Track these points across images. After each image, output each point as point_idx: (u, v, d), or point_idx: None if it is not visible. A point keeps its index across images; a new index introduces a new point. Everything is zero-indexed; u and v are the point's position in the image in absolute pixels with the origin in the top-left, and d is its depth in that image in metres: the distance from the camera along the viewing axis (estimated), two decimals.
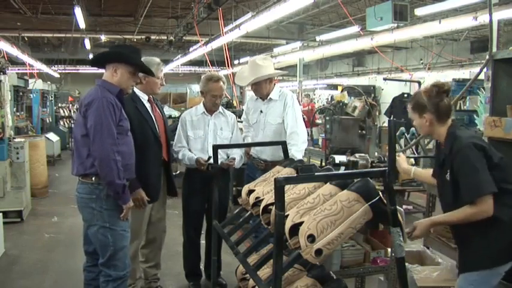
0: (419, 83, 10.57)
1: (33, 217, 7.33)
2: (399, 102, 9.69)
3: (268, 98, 4.54)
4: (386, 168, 2.16)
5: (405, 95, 9.80)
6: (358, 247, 3.47)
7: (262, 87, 4.50)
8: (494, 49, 3.91)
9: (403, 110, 9.32)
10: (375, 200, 2.15)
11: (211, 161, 3.82)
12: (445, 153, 2.74)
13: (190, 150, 4.40)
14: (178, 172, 4.75)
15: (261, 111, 4.59)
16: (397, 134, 6.46)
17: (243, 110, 5.92)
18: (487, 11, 4.17)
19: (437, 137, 2.87)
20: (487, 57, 3.76)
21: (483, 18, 7.82)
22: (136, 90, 4.07)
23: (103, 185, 3.26)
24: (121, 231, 3.37)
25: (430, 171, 3.16)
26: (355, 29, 11.99)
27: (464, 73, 14.65)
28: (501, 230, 2.55)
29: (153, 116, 4.09)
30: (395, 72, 18.59)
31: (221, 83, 4.38)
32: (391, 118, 8.36)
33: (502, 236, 2.55)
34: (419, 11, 9.63)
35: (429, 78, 14.78)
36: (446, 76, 13.19)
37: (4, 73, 6.97)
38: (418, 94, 2.85)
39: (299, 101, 13.82)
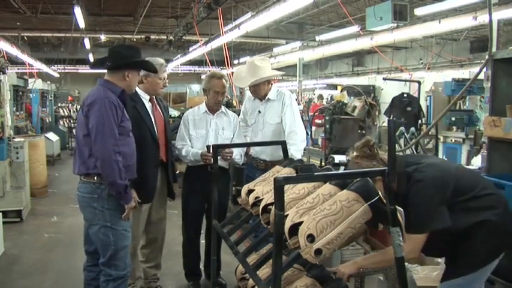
0: (419, 82, 10.57)
1: (32, 217, 7.33)
2: (399, 102, 9.69)
3: (266, 98, 4.54)
4: (386, 168, 2.16)
5: (405, 95, 9.80)
6: (357, 247, 3.48)
7: (260, 89, 4.51)
8: (494, 49, 3.92)
9: (403, 109, 9.35)
10: (374, 199, 2.15)
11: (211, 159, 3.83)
12: (401, 196, 2.57)
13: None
14: (178, 172, 4.75)
15: (259, 112, 4.59)
16: (397, 133, 6.47)
17: None
18: (487, 10, 4.17)
19: None
20: (487, 57, 3.76)
21: (483, 18, 7.84)
22: (138, 89, 4.06)
23: (105, 184, 3.27)
24: (122, 230, 3.38)
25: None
26: (354, 28, 11.99)
27: (464, 73, 14.66)
28: (485, 230, 2.52)
29: (152, 116, 4.08)
30: (395, 72, 18.59)
31: (224, 80, 4.38)
32: (391, 118, 8.39)
33: (486, 236, 2.52)
34: (419, 11, 9.63)
35: (429, 78, 14.80)
36: (446, 76, 13.18)
37: (4, 73, 6.99)
38: (357, 165, 2.65)
39: (298, 101, 13.84)
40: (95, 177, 3.29)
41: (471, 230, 2.52)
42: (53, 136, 12.85)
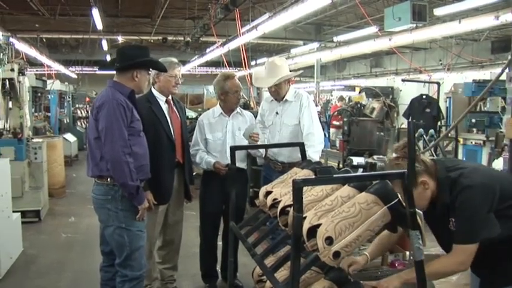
0: (438, 84, 10.48)
1: (50, 217, 7.42)
2: (418, 103, 9.62)
3: (284, 99, 4.53)
4: (405, 170, 2.14)
5: (424, 97, 9.71)
6: None
7: (282, 88, 4.49)
8: None
9: (422, 111, 9.27)
10: (393, 202, 2.13)
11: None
12: (443, 204, 2.46)
13: (209, 152, 4.42)
14: (195, 173, 4.77)
15: (277, 113, 4.57)
16: (416, 135, 6.41)
17: None
18: (509, 10, 4.12)
19: (432, 194, 2.49)
20: (509, 57, 3.71)
21: (505, 17, 7.72)
22: (153, 90, 4.10)
23: (118, 186, 3.29)
24: (137, 231, 3.41)
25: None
26: (373, 29, 11.93)
27: (485, 74, 14.46)
28: None
29: (168, 118, 4.10)
30: (413, 73, 18.44)
31: (236, 78, 4.42)
32: (410, 119, 8.32)
33: None
34: (439, 11, 9.55)
35: (448, 79, 14.65)
36: (466, 77, 13.05)
37: (23, 74, 7.07)
38: (397, 167, 2.44)
39: (315, 103, 13.78)
40: (108, 179, 3.33)
41: (508, 241, 2.40)
42: (70, 137, 13.03)
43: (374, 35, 12.30)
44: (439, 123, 9.19)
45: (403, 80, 13.36)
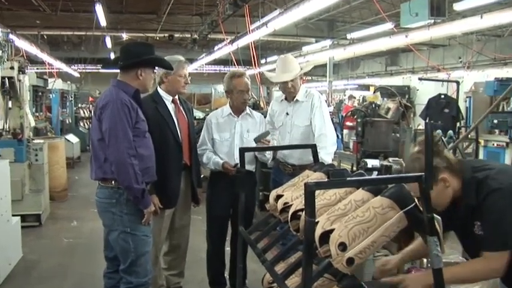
0: (457, 83, 10.42)
1: (52, 221, 7.46)
2: (435, 103, 9.58)
3: (295, 99, 4.54)
4: (423, 173, 2.14)
5: (442, 96, 9.67)
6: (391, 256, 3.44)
7: (298, 83, 4.51)
8: None
9: (440, 111, 9.23)
10: (410, 207, 2.13)
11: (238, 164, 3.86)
12: (467, 205, 2.42)
13: (215, 153, 4.43)
14: (202, 176, 4.78)
15: (287, 114, 4.58)
16: None
17: None
18: None
19: (455, 194, 2.44)
20: None
21: None
22: (160, 90, 4.11)
23: (123, 189, 3.31)
24: (142, 236, 3.42)
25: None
26: (388, 26, 11.90)
27: (508, 72, 14.35)
28: None
29: (175, 118, 4.12)
30: (431, 71, 18.35)
31: (245, 78, 4.39)
32: (427, 120, 8.28)
33: None
34: (458, 6, 9.48)
35: (468, 77, 14.57)
36: (488, 75, 12.96)
37: (23, 72, 7.12)
38: (418, 161, 2.41)
39: (328, 103, 13.77)
40: (113, 182, 3.34)
41: None
42: (73, 138, 13.10)
43: (389, 31, 12.26)
44: (458, 124, 9.14)
45: (420, 79, 13.32)
